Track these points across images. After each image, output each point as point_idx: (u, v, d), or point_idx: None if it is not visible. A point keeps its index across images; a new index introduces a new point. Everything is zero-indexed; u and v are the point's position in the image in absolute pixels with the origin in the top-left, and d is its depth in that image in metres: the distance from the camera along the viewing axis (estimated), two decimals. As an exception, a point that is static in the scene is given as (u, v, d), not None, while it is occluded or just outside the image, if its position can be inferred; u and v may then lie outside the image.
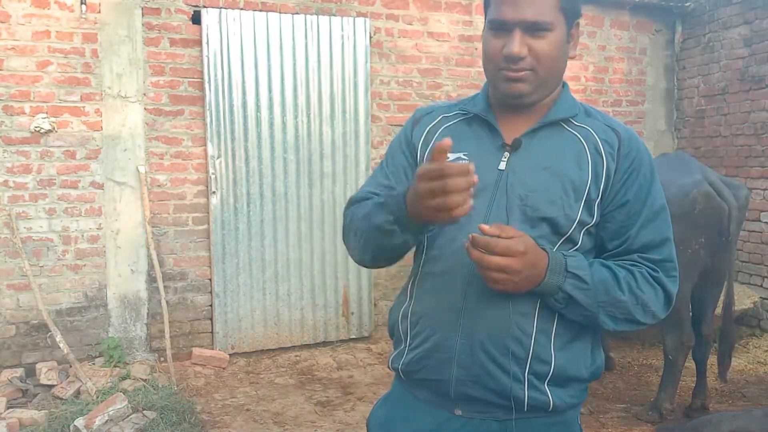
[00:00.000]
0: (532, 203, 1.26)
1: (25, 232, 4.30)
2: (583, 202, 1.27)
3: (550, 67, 1.28)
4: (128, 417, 3.51)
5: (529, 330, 1.25)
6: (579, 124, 1.34)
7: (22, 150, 4.28)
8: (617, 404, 4.00)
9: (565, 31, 1.28)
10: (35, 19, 4.26)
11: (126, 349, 4.52)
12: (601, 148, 1.30)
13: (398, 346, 1.41)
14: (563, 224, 1.26)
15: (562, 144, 1.31)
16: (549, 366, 1.26)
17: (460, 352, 1.27)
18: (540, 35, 1.24)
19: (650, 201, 1.32)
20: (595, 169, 1.29)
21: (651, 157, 1.36)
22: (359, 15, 5.07)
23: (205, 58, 4.61)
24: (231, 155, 4.73)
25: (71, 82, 4.36)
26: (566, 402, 1.30)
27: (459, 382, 1.28)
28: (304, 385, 4.31)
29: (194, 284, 4.78)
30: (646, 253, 1.31)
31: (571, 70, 5.79)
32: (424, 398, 1.36)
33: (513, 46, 1.23)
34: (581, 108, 1.37)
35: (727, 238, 3.53)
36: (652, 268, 1.30)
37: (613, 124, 1.35)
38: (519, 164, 1.30)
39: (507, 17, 1.24)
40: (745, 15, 5.43)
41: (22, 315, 4.31)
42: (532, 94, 1.29)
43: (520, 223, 1.26)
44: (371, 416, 1.48)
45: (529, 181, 1.28)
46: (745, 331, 5.32)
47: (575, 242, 1.29)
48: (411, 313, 1.36)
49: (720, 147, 5.74)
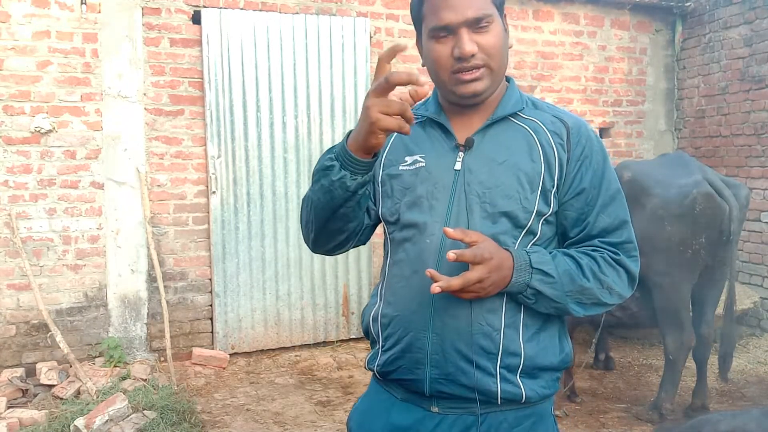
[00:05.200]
0: (491, 200, 1.29)
1: (25, 232, 4.31)
2: (539, 193, 1.30)
3: (500, 59, 1.30)
4: (128, 417, 3.51)
5: (497, 325, 1.28)
6: (527, 117, 1.36)
7: (23, 150, 4.29)
8: (617, 404, 4.00)
9: (501, 21, 1.32)
10: (35, 19, 4.26)
11: (126, 349, 4.52)
12: (550, 139, 1.33)
13: (373, 346, 1.44)
14: (522, 217, 1.29)
15: (513, 138, 1.34)
16: (519, 358, 1.29)
17: (432, 352, 1.30)
18: (484, 29, 1.27)
19: (605, 186, 1.35)
20: (547, 160, 1.32)
21: (602, 143, 1.40)
22: (359, 15, 5.08)
23: (205, 58, 4.61)
24: (231, 155, 4.73)
25: (71, 82, 4.37)
26: (538, 393, 1.32)
27: (433, 381, 1.30)
28: (304, 385, 4.31)
29: (194, 284, 4.78)
30: (605, 238, 1.35)
31: (571, 70, 5.79)
32: (401, 397, 1.38)
33: (464, 45, 1.25)
34: (528, 101, 1.40)
35: (728, 238, 3.52)
36: (613, 251, 1.34)
37: (561, 115, 1.38)
38: (474, 163, 1.32)
39: (450, 20, 1.25)
40: (746, 15, 5.43)
41: (23, 315, 4.32)
42: (488, 89, 1.31)
43: (481, 219, 1.29)
44: (351, 416, 1.51)
45: (485, 178, 1.31)
46: (746, 331, 5.32)
47: (535, 233, 1.32)
48: (382, 315, 1.38)
49: (720, 147, 5.74)
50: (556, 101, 5.75)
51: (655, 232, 3.56)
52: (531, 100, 1.41)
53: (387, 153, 1.40)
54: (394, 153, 1.39)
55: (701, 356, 3.79)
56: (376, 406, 1.43)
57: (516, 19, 5.57)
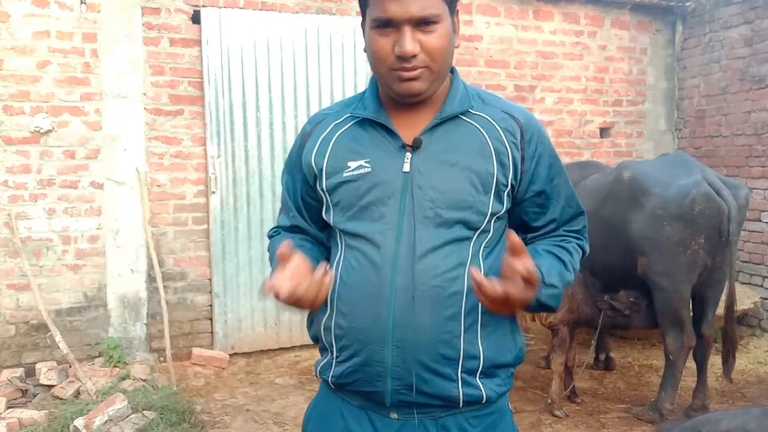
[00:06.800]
0: (444, 205, 1.25)
1: (24, 232, 4.30)
2: (492, 194, 1.28)
3: (442, 62, 1.25)
4: (128, 417, 3.50)
5: (457, 331, 1.26)
6: (476, 113, 1.32)
7: (22, 150, 4.28)
8: (617, 404, 4.00)
9: (450, 20, 1.26)
10: (35, 18, 4.26)
11: (126, 349, 4.51)
12: (502, 136, 1.30)
13: (324, 355, 1.40)
14: (476, 220, 1.28)
15: (463, 137, 1.30)
16: (478, 360, 1.28)
17: (393, 365, 1.26)
18: (429, 29, 1.21)
19: (563, 178, 1.39)
20: (500, 159, 1.29)
21: (547, 134, 1.39)
22: (359, 15, 5.06)
23: (205, 57, 4.61)
24: (231, 155, 4.73)
25: (71, 82, 4.36)
26: (496, 392, 1.33)
27: (395, 392, 1.28)
28: (304, 385, 4.31)
29: (194, 284, 4.77)
30: (570, 226, 1.41)
31: (571, 70, 5.79)
32: (358, 404, 1.35)
33: (405, 45, 1.19)
34: (475, 95, 1.35)
35: (727, 238, 3.52)
36: (577, 238, 1.42)
37: (511, 110, 1.34)
38: (423, 164, 1.27)
39: (394, 14, 1.19)
40: (746, 15, 5.42)
41: (22, 315, 4.31)
42: (428, 89, 1.27)
43: (435, 227, 1.25)
44: (306, 423, 1.49)
45: (437, 182, 1.26)
46: (746, 331, 5.32)
47: (489, 232, 1.31)
48: (335, 325, 1.32)
49: (720, 147, 5.73)
50: (557, 101, 5.76)
51: (654, 233, 3.55)
52: (477, 94, 1.36)
53: (328, 159, 1.33)
54: (336, 159, 1.32)
55: (701, 356, 3.79)
56: (332, 414, 1.39)
57: (516, 18, 5.57)
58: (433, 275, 1.25)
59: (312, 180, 1.38)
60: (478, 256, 1.29)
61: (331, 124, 1.37)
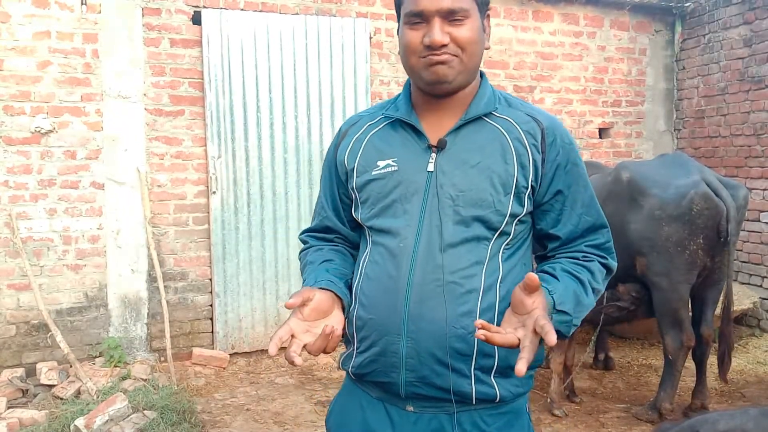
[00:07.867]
0: (464, 203, 1.29)
1: (25, 232, 4.31)
2: (512, 196, 1.30)
3: (472, 53, 1.29)
4: (128, 417, 3.51)
5: (472, 327, 1.26)
6: (500, 115, 1.35)
7: (23, 150, 4.29)
8: (617, 404, 4.01)
9: (480, 19, 1.31)
10: (35, 19, 4.27)
11: (126, 349, 4.52)
12: (524, 139, 1.32)
13: (348, 346, 1.44)
14: (495, 220, 1.30)
15: (486, 139, 1.33)
16: (493, 359, 1.29)
17: (407, 356, 1.29)
18: (459, 22, 1.26)
19: (583, 185, 1.38)
20: (521, 161, 1.31)
21: (574, 140, 1.41)
22: (359, 15, 5.08)
23: (206, 58, 4.62)
24: (231, 155, 4.74)
25: (71, 83, 4.37)
26: (512, 392, 1.33)
27: (408, 384, 1.31)
28: (304, 385, 4.31)
29: (194, 284, 4.78)
30: (591, 240, 1.38)
31: (571, 71, 5.79)
32: (376, 396, 1.39)
33: (434, 35, 1.24)
34: (501, 98, 1.39)
35: (726, 238, 3.53)
36: (602, 256, 1.38)
37: (535, 114, 1.37)
38: (446, 164, 1.32)
39: (424, 7, 1.25)
40: (745, 15, 5.43)
41: (23, 315, 4.32)
42: (456, 78, 1.29)
43: (454, 224, 1.29)
44: (328, 417, 1.51)
45: (458, 180, 1.30)
46: (745, 331, 5.33)
47: (509, 233, 1.33)
48: (357, 317, 1.36)
49: (720, 147, 5.74)
50: (556, 102, 5.76)
51: (653, 233, 3.56)
52: (504, 97, 1.40)
53: (359, 159, 1.39)
54: (367, 158, 1.39)
55: (701, 356, 3.80)
56: (352, 406, 1.43)
57: (516, 19, 5.58)
58: (450, 271, 1.28)
59: (344, 178, 1.44)
60: (498, 257, 1.31)
61: (365, 125, 1.44)
